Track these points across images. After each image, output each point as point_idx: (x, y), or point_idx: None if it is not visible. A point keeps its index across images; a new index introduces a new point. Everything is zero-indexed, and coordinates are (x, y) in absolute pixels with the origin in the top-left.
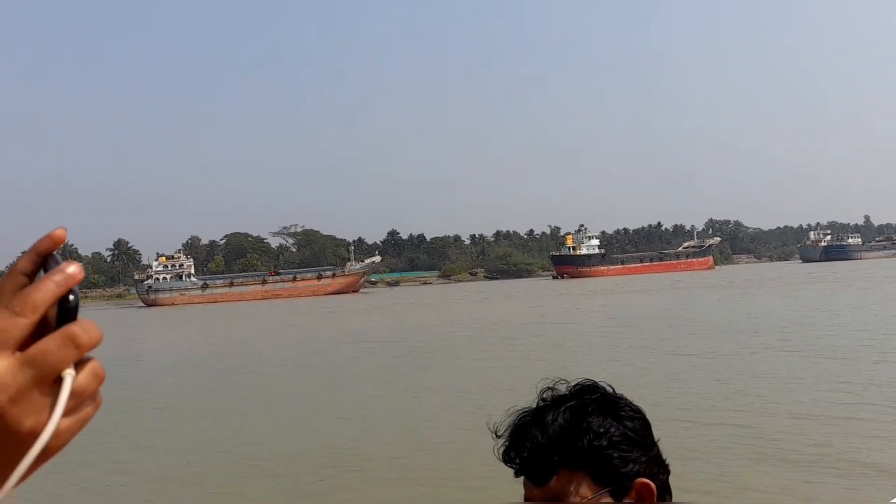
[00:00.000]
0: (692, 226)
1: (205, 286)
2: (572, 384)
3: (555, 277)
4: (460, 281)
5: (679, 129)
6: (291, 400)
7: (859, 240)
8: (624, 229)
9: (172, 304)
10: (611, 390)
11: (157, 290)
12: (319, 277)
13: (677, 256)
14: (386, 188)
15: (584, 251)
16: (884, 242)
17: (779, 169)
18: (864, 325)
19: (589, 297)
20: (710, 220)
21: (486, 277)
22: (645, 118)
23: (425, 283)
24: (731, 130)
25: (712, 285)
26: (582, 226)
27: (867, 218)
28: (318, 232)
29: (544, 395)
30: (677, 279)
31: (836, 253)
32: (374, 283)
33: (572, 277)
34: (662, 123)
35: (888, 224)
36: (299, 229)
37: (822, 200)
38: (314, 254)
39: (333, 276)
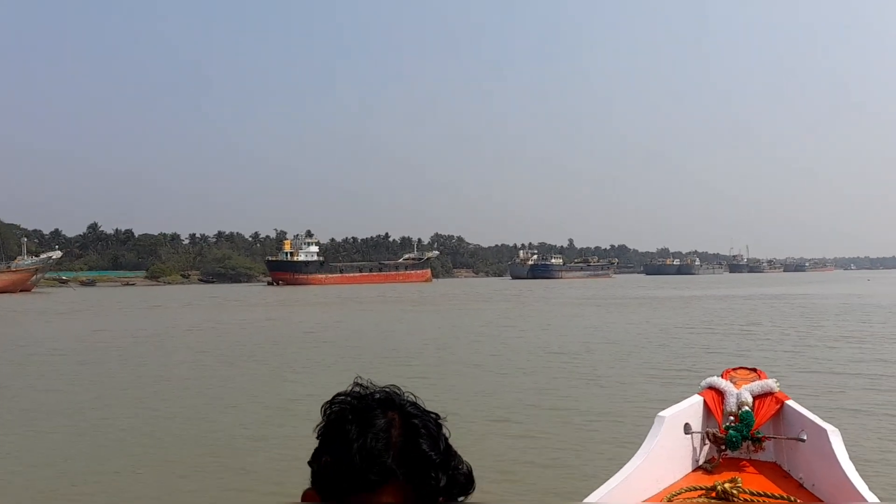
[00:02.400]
0: (419, 238)
1: None
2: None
3: (270, 283)
4: (170, 283)
5: (405, 154)
6: None
7: (561, 260)
8: (353, 238)
9: None
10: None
11: None
12: None
13: (396, 268)
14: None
15: (302, 257)
16: (581, 264)
17: (493, 194)
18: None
19: (248, 309)
20: (436, 234)
21: (200, 280)
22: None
23: (127, 284)
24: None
25: (400, 300)
26: (309, 231)
27: (571, 241)
28: None
29: (362, 401)
30: (385, 290)
31: (540, 271)
32: (64, 282)
33: (288, 284)
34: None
35: (587, 247)
36: None
37: (535, 223)
38: None
39: None
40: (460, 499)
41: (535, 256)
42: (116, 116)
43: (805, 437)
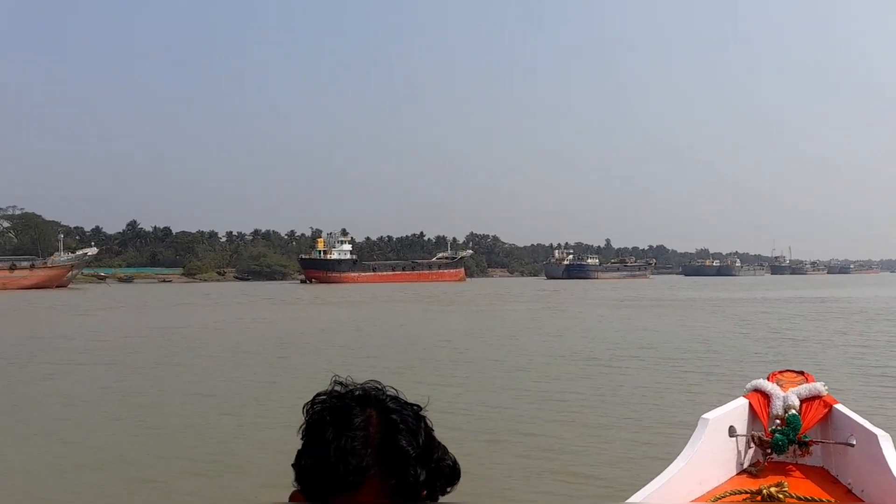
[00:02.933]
0: (454, 238)
1: None
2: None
3: (303, 282)
4: (206, 280)
5: (441, 155)
6: None
7: (597, 260)
8: (388, 237)
9: None
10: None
11: None
12: (13, 269)
13: (430, 267)
14: (128, 177)
15: (335, 255)
16: (617, 264)
17: (529, 193)
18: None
19: (282, 307)
20: (471, 234)
21: (235, 278)
22: (406, 146)
23: (164, 281)
24: (476, 163)
25: (421, 299)
26: (344, 229)
27: (608, 241)
28: (39, 216)
29: (340, 400)
30: (415, 289)
31: (576, 271)
32: (102, 279)
33: (321, 282)
34: (423, 151)
35: (624, 248)
36: (18, 212)
37: (571, 223)
38: (32, 241)
39: (32, 267)
40: (447, 489)
41: (571, 256)
42: (155, 119)
43: (854, 442)
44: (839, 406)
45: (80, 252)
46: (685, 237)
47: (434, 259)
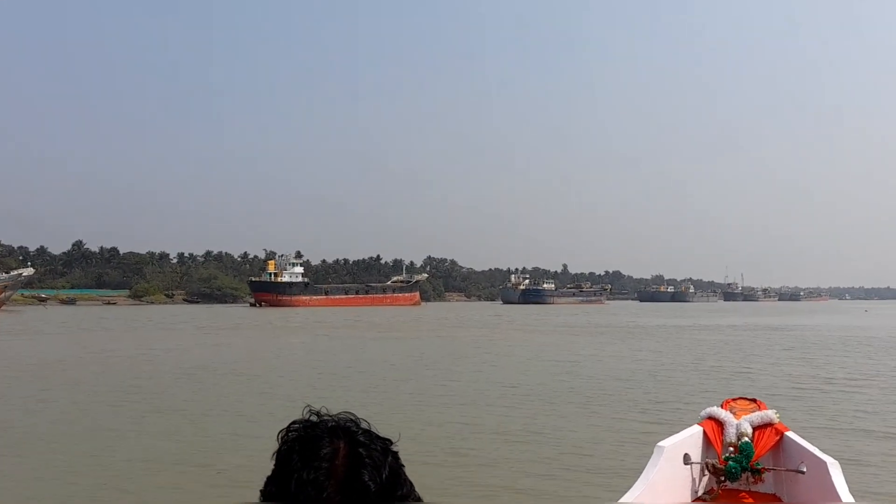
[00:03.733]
0: (411, 261)
1: None
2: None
3: (253, 305)
4: (153, 303)
5: (402, 176)
6: None
7: (553, 285)
8: (344, 259)
9: None
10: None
11: None
12: None
13: (384, 290)
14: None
15: (286, 278)
16: (573, 290)
17: (492, 219)
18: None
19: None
20: (429, 258)
21: (185, 300)
22: (375, 161)
23: (109, 304)
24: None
25: (354, 325)
26: (299, 252)
27: (565, 266)
28: None
29: (313, 430)
30: (365, 314)
31: (532, 296)
32: (43, 300)
33: (272, 305)
34: (390, 169)
35: (581, 273)
36: None
37: (530, 247)
38: None
39: None
40: None
41: (527, 281)
42: (107, 131)
43: (805, 470)
44: (790, 434)
45: (14, 272)
46: (641, 263)
47: (389, 283)
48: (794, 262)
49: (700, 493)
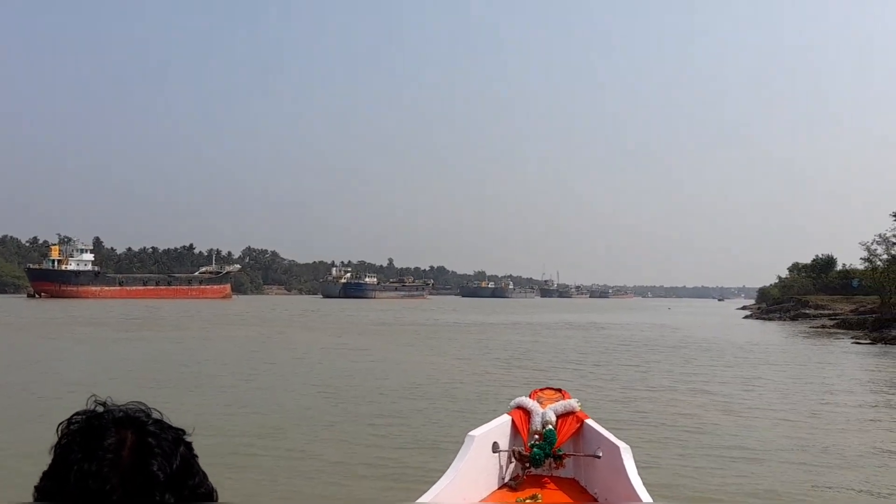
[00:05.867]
0: (228, 252)
1: None
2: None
3: (31, 296)
4: None
5: (217, 163)
6: None
7: (375, 279)
8: (153, 248)
9: None
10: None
11: None
12: None
13: (189, 282)
14: None
15: (72, 266)
16: (396, 284)
17: (318, 212)
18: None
19: None
20: (249, 248)
21: None
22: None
23: None
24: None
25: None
26: (98, 238)
27: (391, 260)
28: None
29: (97, 420)
30: (159, 307)
31: (353, 290)
32: None
33: (54, 297)
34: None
35: (407, 268)
36: None
37: (356, 240)
38: None
39: None
40: None
41: (349, 275)
42: None
43: (601, 454)
44: (589, 421)
45: None
46: (465, 259)
47: (196, 273)
48: (604, 263)
49: (507, 480)
